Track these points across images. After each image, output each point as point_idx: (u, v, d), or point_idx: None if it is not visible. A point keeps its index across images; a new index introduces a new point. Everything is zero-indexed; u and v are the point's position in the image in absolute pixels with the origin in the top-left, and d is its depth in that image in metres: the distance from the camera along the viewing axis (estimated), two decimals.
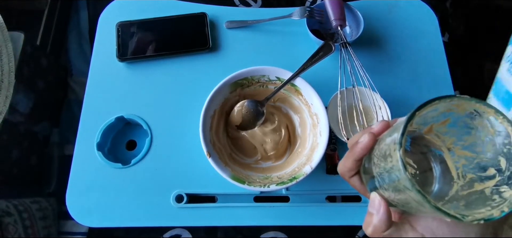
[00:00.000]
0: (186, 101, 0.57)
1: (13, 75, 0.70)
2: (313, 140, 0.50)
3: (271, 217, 0.52)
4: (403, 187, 0.21)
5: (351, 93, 0.54)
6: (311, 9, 0.60)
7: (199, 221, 0.51)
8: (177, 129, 0.55)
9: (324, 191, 0.53)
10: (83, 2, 1.16)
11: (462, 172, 0.25)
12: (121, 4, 0.64)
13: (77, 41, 1.13)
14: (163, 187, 0.52)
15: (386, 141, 0.23)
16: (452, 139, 0.25)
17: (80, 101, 0.57)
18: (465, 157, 0.24)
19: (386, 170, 0.22)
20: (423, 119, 0.23)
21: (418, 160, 0.27)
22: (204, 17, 0.62)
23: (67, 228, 0.96)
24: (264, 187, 0.45)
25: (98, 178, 0.53)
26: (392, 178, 0.22)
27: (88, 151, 0.54)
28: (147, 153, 0.54)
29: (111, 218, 0.51)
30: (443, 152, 0.26)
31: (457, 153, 0.25)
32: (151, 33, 0.61)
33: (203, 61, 0.60)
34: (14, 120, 0.85)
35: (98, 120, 0.55)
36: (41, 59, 0.94)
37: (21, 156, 0.88)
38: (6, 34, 0.69)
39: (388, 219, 0.24)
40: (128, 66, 0.60)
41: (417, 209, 0.21)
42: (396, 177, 0.21)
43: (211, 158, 0.45)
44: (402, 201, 0.22)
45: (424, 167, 0.27)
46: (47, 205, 0.93)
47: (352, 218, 0.52)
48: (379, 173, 0.24)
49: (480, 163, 0.23)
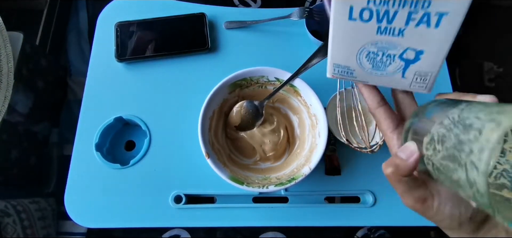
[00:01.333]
0: (185, 102, 0.57)
1: (12, 75, 0.70)
2: (312, 141, 0.50)
3: (270, 218, 0.52)
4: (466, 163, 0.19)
5: (350, 94, 0.54)
6: (310, 9, 0.60)
7: (198, 221, 0.51)
8: (175, 130, 0.55)
9: (323, 192, 0.53)
10: (82, 2, 1.16)
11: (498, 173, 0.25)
12: (120, 4, 0.64)
13: (76, 41, 1.13)
14: (162, 188, 0.52)
15: (479, 113, 0.21)
16: None
17: (80, 101, 0.57)
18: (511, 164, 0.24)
19: (457, 138, 0.21)
20: None
21: None
22: (203, 18, 0.62)
23: (66, 228, 0.96)
24: (262, 188, 0.45)
25: (96, 178, 0.53)
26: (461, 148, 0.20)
27: (87, 152, 0.54)
28: (145, 153, 0.54)
29: (109, 219, 0.51)
30: None
31: (507, 156, 0.24)
32: (150, 34, 0.60)
33: (202, 61, 0.60)
34: (13, 120, 0.85)
35: (97, 120, 0.55)
36: (40, 59, 0.94)
37: (20, 156, 0.88)
38: (5, 34, 0.69)
39: (413, 168, 0.25)
40: (127, 67, 0.60)
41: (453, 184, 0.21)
42: (469, 151, 0.19)
43: (209, 158, 0.45)
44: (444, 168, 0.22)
45: None
46: (46, 205, 0.93)
47: (350, 219, 0.52)
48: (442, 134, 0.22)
49: None
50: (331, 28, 0.27)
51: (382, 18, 0.25)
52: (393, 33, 0.25)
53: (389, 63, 0.27)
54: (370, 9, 0.24)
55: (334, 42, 0.28)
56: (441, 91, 0.29)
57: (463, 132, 0.21)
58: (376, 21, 0.25)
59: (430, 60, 0.26)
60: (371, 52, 0.27)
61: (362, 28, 0.26)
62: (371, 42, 0.26)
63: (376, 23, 0.25)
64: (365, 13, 0.25)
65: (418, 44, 0.25)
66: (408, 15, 0.24)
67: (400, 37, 0.25)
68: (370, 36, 0.26)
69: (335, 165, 0.53)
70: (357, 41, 0.27)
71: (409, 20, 0.24)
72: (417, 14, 0.24)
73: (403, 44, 0.26)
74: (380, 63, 0.27)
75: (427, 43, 0.25)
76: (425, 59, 0.26)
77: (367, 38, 0.26)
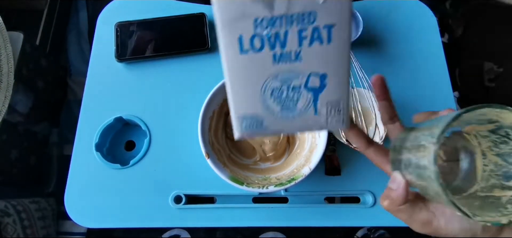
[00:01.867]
0: (185, 102, 0.57)
1: (12, 75, 0.70)
2: (312, 141, 0.50)
3: (270, 218, 0.52)
4: (428, 177, 0.22)
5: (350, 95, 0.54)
6: None
7: (198, 222, 0.51)
8: (175, 130, 0.55)
9: (322, 192, 0.53)
10: (83, 2, 1.16)
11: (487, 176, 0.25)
12: (120, 4, 0.64)
13: (76, 41, 1.13)
14: (162, 188, 0.52)
15: (424, 132, 0.23)
16: (489, 144, 0.26)
17: (80, 101, 0.57)
18: (495, 163, 0.26)
19: (416, 157, 0.23)
20: (468, 119, 0.24)
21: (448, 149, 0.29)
22: (203, 18, 0.62)
23: (66, 228, 0.96)
24: (262, 188, 0.45)
25: (96, 178, 0.53)
26: (420, 166, 0.23)
27: (87, 152, 0.54)
28: (145, 153, 0.54)
29: (109, 219, 0.51)
30: (475, 152, 0.27)
31: (488, 157, 0.26)
32: (150, 34, 0.60)
33: (202, 61, 0.60)
34: (14, 120, 0.85)
35: (97, 120, 0.55)
36: (40, 59, 0.94)
37: (20, 156, 0.88)
38: (5, 34, 0.69)
39: (405, 196, 0.26)
40: (127, 67, 0.60)
41: (434, 198, 0.23)
42: (424, 167, 0.22)
43: (209, 159, 0.45)
44: (422, 188, 0.24)
45: (451, 157, 0.29)
46: (46, 205, 0.93)
47: (350, 219, 0.52)
48: (408, 158, 0.25)
49: (507, 172, 0.25)
50: (226, 70, 0.24)
51: (275, 43, 0.23)
52: (290, 59, 0.23)
53: (297, 98, 0.25)
54: (259, 34, 0.22)
55: (233, 87, 0.24)
56: (441, 95, 0.30)
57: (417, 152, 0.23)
58: (269, 48, 0.23)
59: (336, 83, 0.24)
60: (274, 89, 0.24)
61: (257, 60, 0.23)
62: (271, 75, 0.24)
63: (270, 50, 0.23)
64: (256, 41, 0.23)
65: (318, 66, 0.23)
66: (298, 34, 0.22)
67: (298, 62, 0.23)
68: (268, 68, 0.23)
69: (335, 165, 0.53)
70: (257, 77, 0.24)
71: (301, 39, 0.22)
72: (307, 32, 0.22)
73: (303, 70, 0.24)
74: (288, 101, 0.25)
75: (327, 64, 0.23)
76: (330, 83, 0.24)
77: (266, 71, 0.24)
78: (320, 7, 0.21)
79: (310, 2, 0.21)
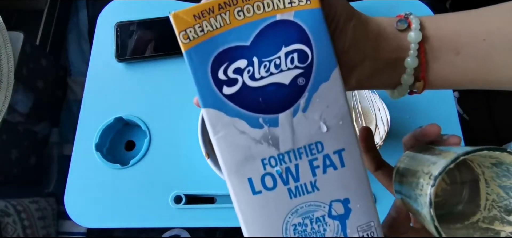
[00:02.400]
0: (185, 102, 0.57)
1: (12, 75, 0.70)
2: None
3: None
4: (424, 218, 0.22)
5: (349, 95, 0.54)
6: None
7: (198, 222, 0.51)
8: (175, 130, 0.55)
9: None
10: (83, 2, 1.16)
11: (490, 205, 0.25)
12: (120, 4, 0.64)
13: (76, 41, 1.13)
14: (162, 188, 0.52)
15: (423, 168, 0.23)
16: (491, 174, 0.25)
17: (80, 101, 0.57)
18: (498, 194, 0.25)
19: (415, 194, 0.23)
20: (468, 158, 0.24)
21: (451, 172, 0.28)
22: None
23: (66, 228, 0.96)
24: None
25: (96, 178, 0.53)
26: (418, 203, 0.22)
27: (87, 152, 0.54)
28: (145, 153, 0.54)
29: (109, 219, 0.51)
30: (479, 179, 0.26)
31: (491, 186, 0.25)
32: (150, 33, 0.60)
33: None
34: (14, 119, 0.85)
35: (97, 120, 0.55)
36: (40, 59, 0.94)
37: (20, 155, 0.88)
38: (5, 34, 0.69)
39: (404, 222, 0.26)
40: (127, 67, 0.60)
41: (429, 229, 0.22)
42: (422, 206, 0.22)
43: (209, 159, 0.45)
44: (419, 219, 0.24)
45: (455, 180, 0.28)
46: (46, 205, 0.93)
47: None
48: (408, 191, 0.25)
49: (508, 206, 0.24)
50: (239, 213, 0.22)
51: (287, 178, 0.22)
52: (307, 191, 0.22)
53: (323, 229, 0.23)
54: (270, 173, 0.22)
55: (249, 230, 0.23)
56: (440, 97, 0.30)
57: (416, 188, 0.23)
58: (283, 184, 0.22)
59: (362, 206, 0.23)
60: (297, 224, 0.23)
61: (272, 199, 0.22)
62: (290, 211, 0.22)
63: (284, 186, 0.22)
64: (268, 180, 0.22)
65: (338, 192, 0.23)
66: (310, 164, 0.22)
67: (316, 192, 0.22)
68: (285, 204, 0.22)
69: None
70: (275, 216, 0.22)
71: (314, 169, 0.22)
72: (318, 160, 0.22)
73: (324, 199, 0.22)
74: (314, 235, 0.23)
75: (346, 188, 0.23)
76: (355, 207, 0.23)
77: (284, 208, 0.22)
78: (325, 135, 0.22)
79: (314, 133, 0.22)
